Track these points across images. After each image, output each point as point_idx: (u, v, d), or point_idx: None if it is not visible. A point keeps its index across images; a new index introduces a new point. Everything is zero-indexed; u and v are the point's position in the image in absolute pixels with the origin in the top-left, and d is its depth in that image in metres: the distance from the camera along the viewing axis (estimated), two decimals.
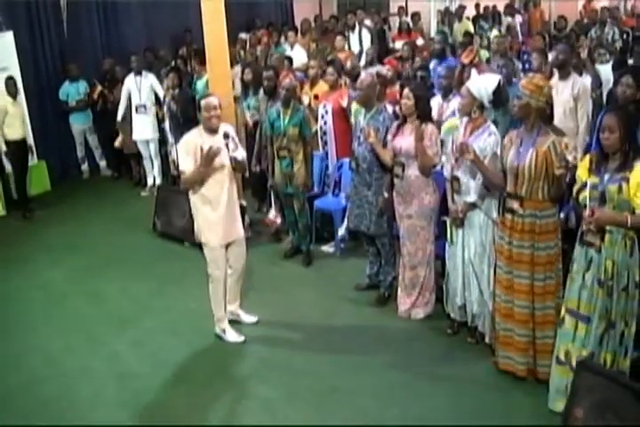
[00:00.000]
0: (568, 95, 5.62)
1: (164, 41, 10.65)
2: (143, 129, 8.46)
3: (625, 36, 9.39)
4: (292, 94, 5.99)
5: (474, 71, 6.08)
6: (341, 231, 6.28)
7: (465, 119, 4.48)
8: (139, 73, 8.41)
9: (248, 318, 5.15)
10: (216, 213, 4.64)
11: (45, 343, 5.07)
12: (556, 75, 5.96)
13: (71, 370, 4.68)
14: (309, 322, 5.15)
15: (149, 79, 8.43)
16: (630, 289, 3.59)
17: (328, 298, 5.51)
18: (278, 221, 6.81)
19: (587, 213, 3.51)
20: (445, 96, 5.91)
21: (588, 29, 10.21)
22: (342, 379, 4.38)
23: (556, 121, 4.36)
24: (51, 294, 5.93)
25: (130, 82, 8.44)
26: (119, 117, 8.54)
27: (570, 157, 4.16)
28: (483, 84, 4.37)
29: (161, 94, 8.30)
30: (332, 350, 4.75)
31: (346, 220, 5.89)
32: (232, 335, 4.93)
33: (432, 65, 7.90)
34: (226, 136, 4.62)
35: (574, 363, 3.69)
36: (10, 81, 7.94)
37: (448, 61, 7.60)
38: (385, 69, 6.76)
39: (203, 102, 4.60)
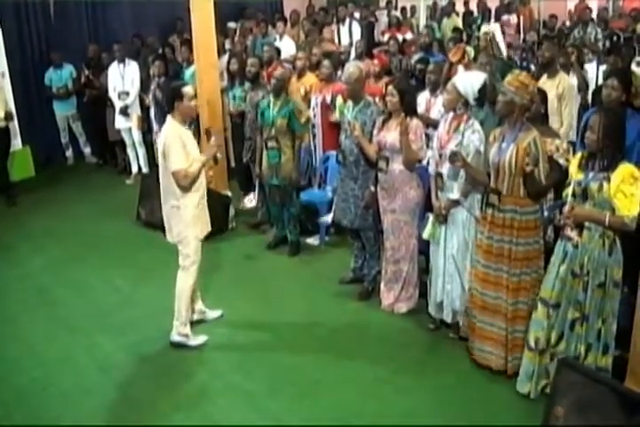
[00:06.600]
0: (553, 95, 5.62)
1: (152, 28, 10.55)
2: (125, 117, 8.39)
3: (616, 38, 9.30)
4: (283, 85, 5.95)
5: (460, 67, 6.10)
6: (327, 220, 6.21)
7: (449, 115, 4.49)
8: (122, 61, 8.35)
9: (213, 314, 5.06)
10: (203, 199, 4.58)
11: (25, 333, 5.03)
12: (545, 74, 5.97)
13: (52, 360, 4.64)
14: (292, 315, 5.15)
15: (132, 67, 8.37)
16: (609, 288, 3.63)
17: (312, 291, 5.51)
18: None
19: (567, 208, 3.61)
20: (433, 91, 5.91)
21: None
22: (324, 372, 4.39)
23: None
24: (32, 282, 5.88)
25: (113, 70, 8.39)
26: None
27: (561, 160, 4.22)
28: (469, 80, 4.38)
29: (137, 84, 8.29)
30: (315, 343, 4.76)
31: (332, 212, 5.89)
32: (196, 340, 4.74)
33: (416, 57, 7.86)
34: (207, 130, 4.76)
35: (541, 347, 3.81)
36: None
37: (435, 57, 7.60)
38: (371, 64, 6.77)
39: (184, 90, 4.42)
